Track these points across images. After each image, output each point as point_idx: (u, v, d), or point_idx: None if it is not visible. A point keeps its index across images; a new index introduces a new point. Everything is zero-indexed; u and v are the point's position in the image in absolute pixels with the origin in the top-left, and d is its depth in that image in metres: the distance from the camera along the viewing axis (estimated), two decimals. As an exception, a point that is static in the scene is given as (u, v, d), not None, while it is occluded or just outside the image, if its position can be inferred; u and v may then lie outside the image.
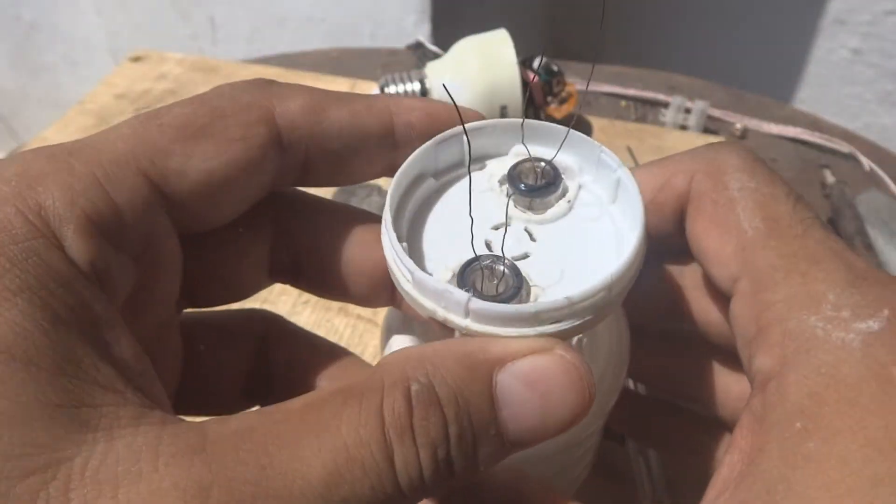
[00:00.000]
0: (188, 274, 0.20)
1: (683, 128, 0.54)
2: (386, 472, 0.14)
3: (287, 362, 0.23)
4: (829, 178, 0.48)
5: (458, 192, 0.20)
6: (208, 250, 0.20)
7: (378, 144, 0.20)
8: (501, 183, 0.20)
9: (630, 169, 0.19)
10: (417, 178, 0.20)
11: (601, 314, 0.17)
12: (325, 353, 0.23)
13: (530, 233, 0.19)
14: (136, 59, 0.60)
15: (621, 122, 0.54)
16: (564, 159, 0.20)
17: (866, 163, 0.52)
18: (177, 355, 0.20)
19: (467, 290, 0.16)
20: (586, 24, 1.18)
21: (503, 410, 0.15)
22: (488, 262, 0.17)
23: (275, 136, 0.18)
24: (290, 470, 0.13)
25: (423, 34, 0.82)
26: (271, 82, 0.19)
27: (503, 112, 0.47)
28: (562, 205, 0.19)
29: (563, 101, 0.51)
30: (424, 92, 0.47)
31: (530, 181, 0.19)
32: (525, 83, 0.47)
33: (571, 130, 0.19)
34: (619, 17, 1.16)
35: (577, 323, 0.16)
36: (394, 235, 0.17)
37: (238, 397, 0.23)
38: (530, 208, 0.19)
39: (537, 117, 0.49)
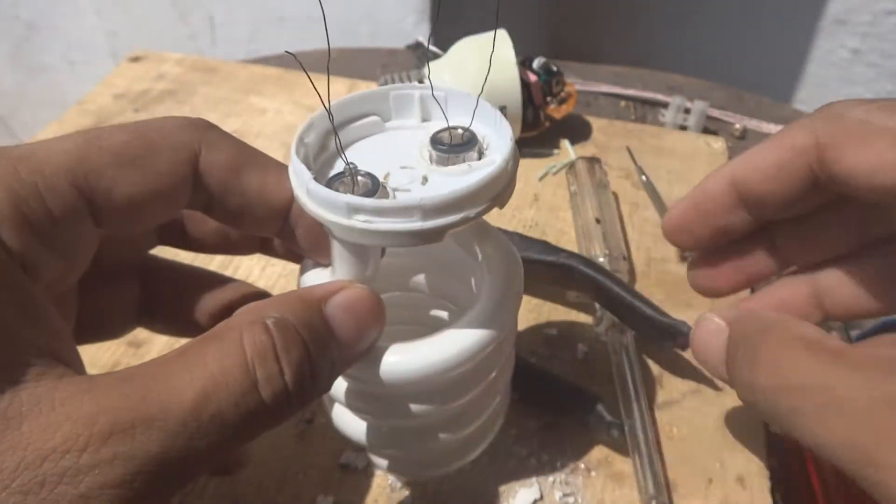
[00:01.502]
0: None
1: (683, 128, 0.54)
2: (249, 390, 0.17)
3: (172, 291, 0.27)
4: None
5: (369, 142, 0.24)
6: (95, 288, 0.25)
7: (271, 217, 0.23)
8: (429, 143, 0.22)
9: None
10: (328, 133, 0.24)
11: (412, 227, 0.19)
12: (205, 278, 0.28)
13: (426, 177, 0.22)
14: (136, 59, 0.60)
15: (621, 123, 0.54)
16: (481, 128, 0.23)
17: (866, 163, 0.52)
18: (74, 301, 0.24)
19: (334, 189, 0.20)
20: (586, 24, 1.18)
21: (336, 331, 0.20)
22: (358, 175, 0.21)
23: (193, 177, 0.22)
24: (165, 398, 0.16)
25: (422, 34, 0.82)
26: (210, 127, 0.22)
27: (503, 112, 0.47)
28: (464, 167, 0.22)
29: (562, 102, 0.51)
30: (424, 92, 0.47)
31: (446, 142, 0.22)
32: (524, 83, 0.47)
33: (480, 99, 0.22)
34: (619, 17, 1.15)
35: (391, 222, 0.19)
36: (296, 158, 0.21)
37: (132, 322, 0.27)
38: (445, 165, 0.22)
39: (537, 117, 0.49)
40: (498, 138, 0.22)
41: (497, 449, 0.31)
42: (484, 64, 0.46)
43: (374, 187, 0.21)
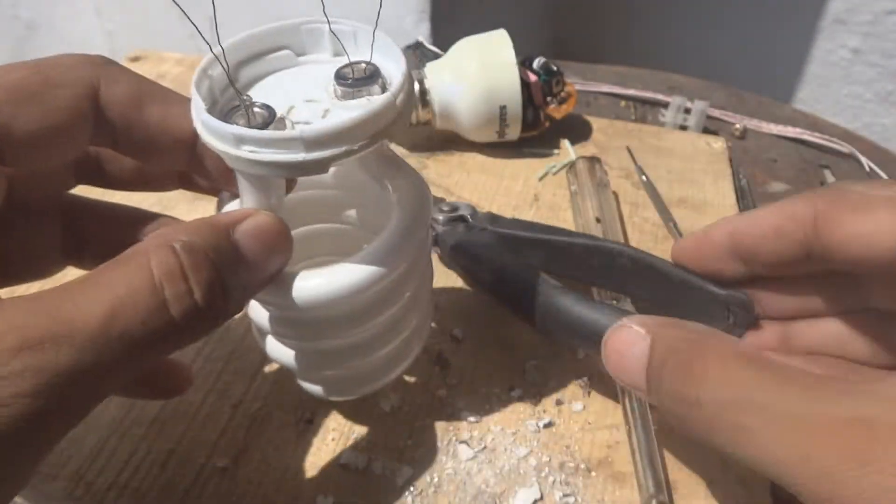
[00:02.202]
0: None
1: (683, 128, 0.54)
2: (157, 308, 0.18)
3: (98, 229, 0.27)
4: (830, 178, 0.47)
5: (280, 76, 0.25)
6: (13, 228, 0.25)
7: (176, 149, 0.23)
8: (333, 78, 0.23)
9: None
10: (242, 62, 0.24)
11: (290, 158, 0.20)
12: (132, 215, 0.28)
13: (328, 110, 0.23)
14: (135, 59, 0.60)
15: (621, 122, 0.54)
16: (388, 64, 0.24)
17: (866, 163, 0.52)
18: None
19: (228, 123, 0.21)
20: (586, 24, 1.18)
21: (244, 255, 0.21)
22: (254, 107, 0.22)
23: (93, 112, 0.22)
24: (73, 317, 0.17)
25: (422, 34, 0.82)
26: (108, 62, 0.22)
27: (503, 112, 0.47)
28: (363, 101, 0.22)
29: (562, 101, 0.51)
30: (424, 92, 0.47)
31: (349, 77, 0.23)
32: (524, 83, 0.47)
33: (378, 33, 0.24)
34: (619, 17, 1.15)
35: (275, 153, 0.20)
36: (195, 90, 0.22)
37: (57, 262, 0.27)
38: (349, 99, 0.23)
39: (537, 117, 0.49)
40: (399, 74, 0.23)
41: (497, 449, 0.31)
42: (484, 64, 0.46)
43: (270, 119, 0.21)
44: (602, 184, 0.43)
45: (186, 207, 0.44)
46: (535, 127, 0.50)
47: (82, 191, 0.28)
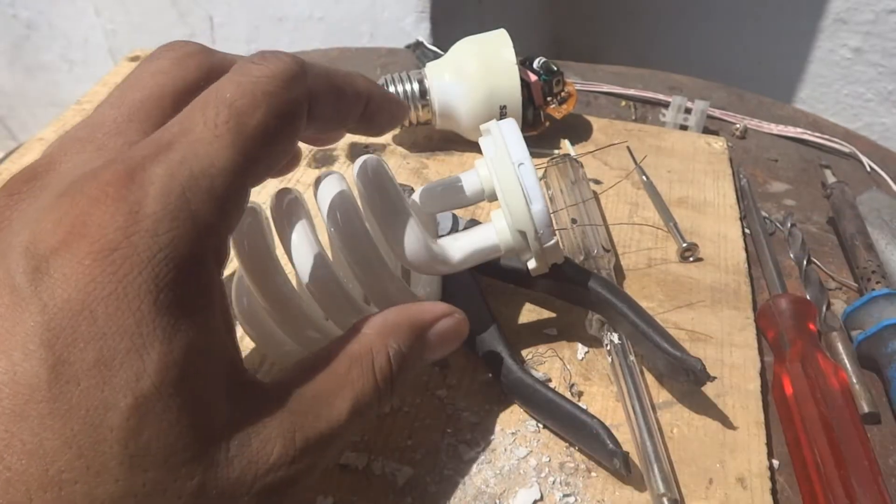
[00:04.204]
0: None
1: (683, 128, 0.54)
2: (377, 403, 0.25)
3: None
4: (830, 177, 0.47)
5: None
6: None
7: (356, 104, 0.27)
8: None
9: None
10: None
11: None
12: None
13: None
14: (135, 59, 0.59)
15: (621, 122, 0.54)
16: None
17: (867, 163, 0.52)
18: None
19: None
20: (586, 24, 1.18)
21: (430, 349, 0.27)
22: None
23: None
24: (330, 416, 0.23)
25: (422, 34, 0.82)
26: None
27: (503, 112, 0.47)
28: None
29: (562, 101, 0.51)
30: (424, 91, 0.47)
31: None
32: (524, 83, 0.47)
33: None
34: (620, 17, 1.15)
35: None
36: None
37: None
38: None
39: (537, 117, 0.49)
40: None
41: (497, 449, 0.31)
42: (484, 64, 0.46)
43: None
44: (577, 179, 0.42)
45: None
46: (536, 127, 0.50)
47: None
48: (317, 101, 0.24)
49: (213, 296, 0.21)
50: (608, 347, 0.34)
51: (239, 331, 0.35)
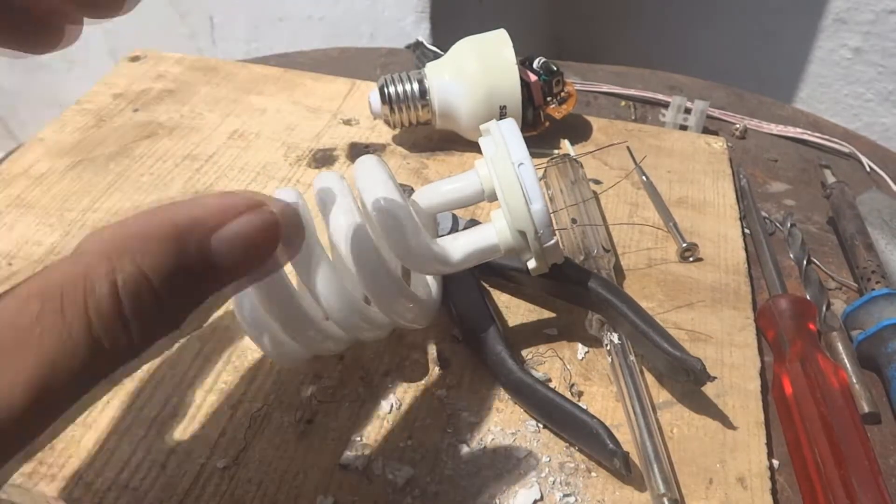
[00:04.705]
0: None
1: (683, 128, 0.54)
2: (94, 356, 0.14)
3: None
4: (830, 177, 0.47)
5: None
6: None
7: None
8: None
9: None
10: None
11: None
12: None
13: None
14: (135, 59, 0.59)
15: (621, 122, 0.54)
16: None
17: (867, 163, 0.52)
18: None
19: None
20: (586, 24, 1.18)
21: (218, 267, 0.16)
22: None
23: None
24: None
25: (422, 34, 0.82)
26: None
27: (503, 112, 0.47)
28: None
29: (562, 101, 0.51)
30: (424, 91, 0.47)
31: None
32: (524, 83, 0.47)
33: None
34: (620, 17, 1.15)
35: None
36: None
37: None
38: None
39: (537, 117, 0.49)
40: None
41: (497, 449, 0.31)
42: (484, 64, 0.46)
43: None
44: (577, 179, 0.42)
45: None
46: (536, 127, 0.50)
47: None
48: None
49: None
50: (608, 347, 0.34)
51: (239, 331, 0.35)
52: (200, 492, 0.29)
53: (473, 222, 0.40)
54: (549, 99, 0.50)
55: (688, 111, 0.54)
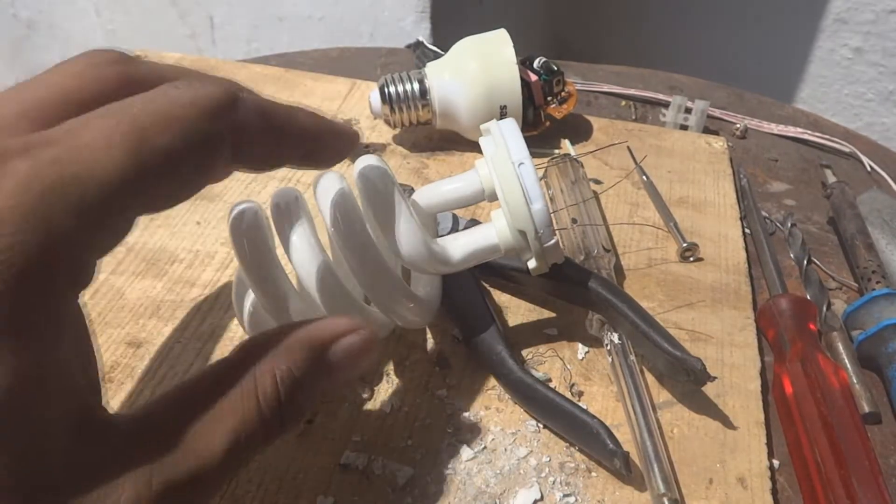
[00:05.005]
0: None
1: (684, 127, 0.54)
2: (263, 431, 0.22)
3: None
4: (830, 177, 0.47)
5: None
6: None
7: (300, 142, 0.25)
8: None
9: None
10: None
11: None
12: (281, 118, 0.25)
13: None
14: (135, 59, 0.59)
15: (621, 122, 0.54)
16: None
17: (867, 162, 0.52)
18: None
19: None
20: (586, 24, 1.18)
21: (333, 371, 0.23)
22: None
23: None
24: (203, 455, 0.20)
25: (422, 34, 0.82)
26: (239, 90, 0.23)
27: (503, 112, 0.47)
28: None
29: (563, 101, 0.51)
30: (424, 91, 0.47)
31: None
32: (525, 83, 0.47)
33: None
34: (620, 17, 1.15)
35: None
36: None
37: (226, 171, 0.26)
38: None
39: (537, 117, 0.49)
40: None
41: (497, 449, 0.31)
42: (484, 63, 0.46)
43: None
44: (577, 179, 0.42)
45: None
46: (536, 126, 0.50)
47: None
48: (247, 137, 0.22)
49: (60, 319, 0.18)
50: (608, 347, 0.34)
51: (239, 331, 0.35)
52: (200, 492, 0.29)
53: (473, 222, 0.40)
54: (549, 99, 0.50)
55: (688, 111, 0.54)
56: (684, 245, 0.41)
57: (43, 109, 0.20)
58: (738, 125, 0.55)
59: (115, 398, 0.32)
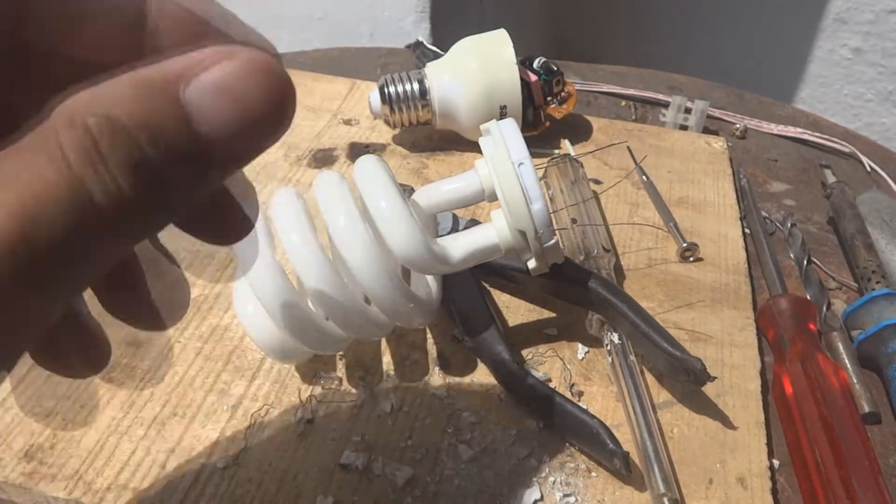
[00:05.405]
0: None
1: (684, 128, 0.54)
2: (82, 201, 0.13)
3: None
4: (830, 177, 0.47)
5: None
6: None
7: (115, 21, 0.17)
8: None
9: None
10: None
11: None
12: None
13: None
14: (135, 59, 0.59)
15: (621, 122, 0.54)
16: None
17: (867, 162, 0.52)
18: None
19: None
20: (586, 24, 1.18)
21: (201, 125, 0.14)
22: None
23: None
24: None
25: (422, 34, 0.82)
26: None
27: (503, 112, 0.47)
28: None
29: (562, 101, 0.51)
30: (424, 91, 0.47)
31: None
32: (525, 83, 0.47)
33: None
34: (620, 17, 1.15)
35: None
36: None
37: None
38: None
39: (537, 117, 0.49)
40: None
41: (497, 449, 0.31)
42: (484, 63, 0.46)
43: None
44: (577, 179, 0.42)
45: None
46: (536, 126, 0.50)
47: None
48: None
49: None
50: (608, 347, 0.34)
51: (239, 331, 0.35)
52: (200, 492, 0.29)
53: (473, 222, 0.40)
54: (549, 99, 0.50)
55: (688, 111, 0.54)
56: (684, 245, 0.41)
57: None
58: (738, 125, 0.55)
59: (115, 398, 0.32)
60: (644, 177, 0.47)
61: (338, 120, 0.52)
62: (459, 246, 0.30)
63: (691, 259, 0.41)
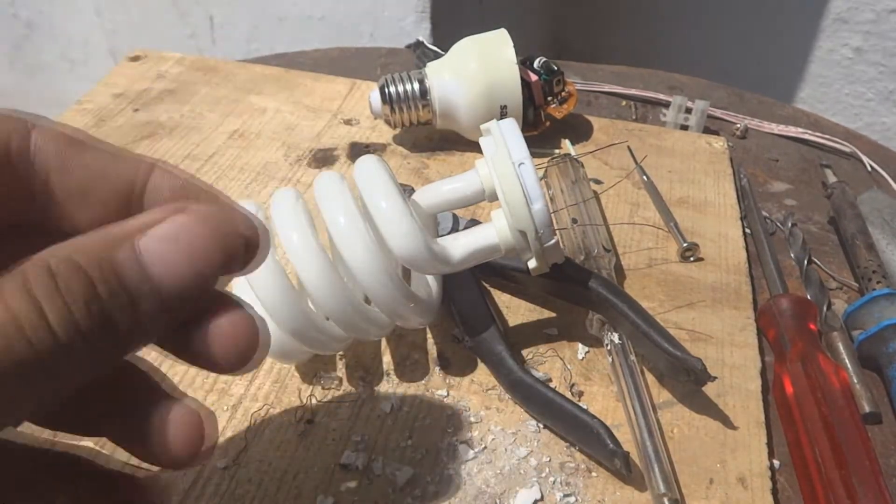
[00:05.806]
0: None
1: (684, 127, 0.54)
2: (43, 330, 0.15)
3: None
4: (831, 177, 0.47)
5: None
6: None
7: (111, 200, 0.19)
8: None
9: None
10: None
11: None
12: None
13: None
14: (135, 59, 0.59)
15: (622, 122, 0.54)
16: None
17: (868, 162, 0.52)
18: None
19: None
20: (587, 24, 1.18)
21: (153, 268, 0.16)
22: None
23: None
24: None
25: (422, 34, 0.82)
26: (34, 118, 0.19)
27: (503, 112, 0.47)
28: None
29: (563, 101, 0.51)
30: (424, 91, 0.47)
31: None
32: (525, 83, 0.47)
33: None
34: (620, 17, 1.15)
35: None
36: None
37: None
38: None
39: (537, 117, 0.49)
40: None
41: (497, 449, 0.31)
42: (484, 63, 0.46)
43: None
44: (577, 179, 0.42)
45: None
46: (536, 126, 0.50)
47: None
48: None
49: None
50: (608, 347, 0.34)
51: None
52: (200, 492, 0.29)
53: (474, 222, 0.40)
54: (549, 98, 0.50)
55: (688, 111, 0.53)
56: (684, 245, 0.41)
57: None
58: (739, 125, 0.55)
59: (115, 398, 0.32)
60: (644, 177, 0.47)
61: (338, 120, 0.52)
62: (459, 246, 0.30)
63: (692, 259, 0.41)
